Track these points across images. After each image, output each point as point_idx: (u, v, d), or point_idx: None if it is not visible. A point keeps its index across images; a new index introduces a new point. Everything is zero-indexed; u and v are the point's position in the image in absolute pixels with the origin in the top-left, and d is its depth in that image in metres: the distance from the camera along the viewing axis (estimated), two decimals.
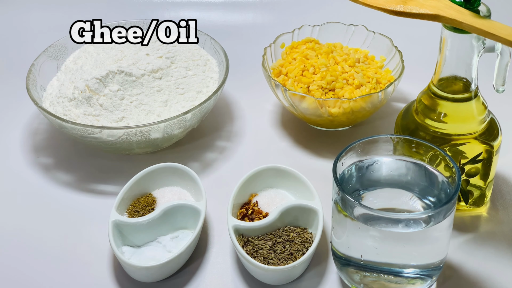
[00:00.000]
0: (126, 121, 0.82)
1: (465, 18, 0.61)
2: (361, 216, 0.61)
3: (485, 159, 0.72)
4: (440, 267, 0.66)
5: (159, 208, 0.73)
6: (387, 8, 0.63)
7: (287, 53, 0.93)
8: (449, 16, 0.62)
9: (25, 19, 1.16)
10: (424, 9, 0.62)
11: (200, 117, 0.84)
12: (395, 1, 0.64)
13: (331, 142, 0.89)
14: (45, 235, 0.76)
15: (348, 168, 0.66)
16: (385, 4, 0.63)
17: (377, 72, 0.89)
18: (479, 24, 0.61)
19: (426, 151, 0.66)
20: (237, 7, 1.16)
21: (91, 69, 0.86)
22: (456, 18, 0.61)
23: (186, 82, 0.87)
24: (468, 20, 0.61)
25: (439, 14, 0.62)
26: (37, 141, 0.91)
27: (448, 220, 0.62)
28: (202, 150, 0.88)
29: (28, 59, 0.93)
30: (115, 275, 0.71)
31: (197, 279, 0.71)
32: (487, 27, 0.60)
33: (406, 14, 0.63)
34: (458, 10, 0.63)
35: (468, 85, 0.70)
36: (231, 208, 0.73)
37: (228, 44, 0.95)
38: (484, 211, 0.77)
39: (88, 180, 0.84)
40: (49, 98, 0.87)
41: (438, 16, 0.62)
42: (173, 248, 0.72)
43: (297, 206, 0.73)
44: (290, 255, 0.69)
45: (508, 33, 0.59)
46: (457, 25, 0.62)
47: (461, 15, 0.62)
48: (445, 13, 0.62)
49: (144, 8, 1.16)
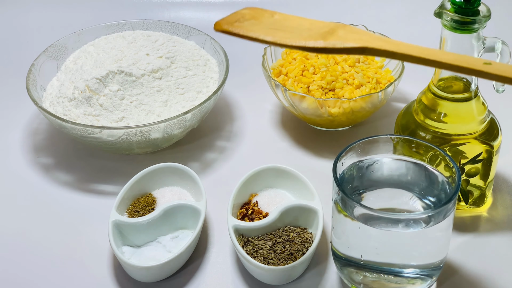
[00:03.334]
0: (126, 121, 0.82)
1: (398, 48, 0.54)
2: (361, 216, 0.61)
3: (485, 159, 0.72)
4: (440, 267, 0.66)
5: (159, 208, 0.73)
6: (307, 45, 0.55)
7: (287, 53, 0.93)
8: (379, 47, 0.54)
9: (25, 19, 1.16)
10: (349, 43, 0.55)
11: (200, 117, 0.84)
12: (314, 38, 0.56)
13: (331, 142, 0.89)
14: (45, 235, 0.76)
15: (348, 168, 0.66)
16: (304, 42, 0.55)
17: (377, 72, 0.89)
18: (417, 52, 0.54)
19: (426, 151, 0.66)
20: (237, 7, 1.16)
21: (91, 69, 0.86)
22: (387, 49, 0.54)
23: (186, 82, 0.87)
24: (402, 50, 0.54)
25: (367, 46, 0.54)
26: (37, 141, 0.91)
27: (448, 220, 0.62)
28: (202, 150, 0.88)
29: (28, 59, 0.93)
30: (115, 275, 0.71)
31: (197, 279, 0.71)
32: (428, 54, 0.54)
33: (329, 50, 0.55)
34: (386, 40, 0.56)
35: (468, 85, 0.70)
36: (231, 208, 0.73)
37: (228, 44, 0.95)
38: (484, 211, 0.77)
39: (88, 180, 0.84)
40: (49, 98, 0.87)
41: (366, 49, 0.55)
42: (173, 248, 0.72)
43: (297, 206, 0.73)
44: (290, 255, 0.69)
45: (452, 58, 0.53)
46: (390, 56, 0.55)
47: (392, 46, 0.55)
48: (374, 45, 0.55)
49: (144, 8, 1.16)
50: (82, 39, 0.95)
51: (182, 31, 0.97)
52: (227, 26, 0.58)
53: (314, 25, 0.60)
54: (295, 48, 0.56)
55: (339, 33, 0.57)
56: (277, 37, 0.56)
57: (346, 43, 0.55)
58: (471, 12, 0.66)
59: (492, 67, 0.51)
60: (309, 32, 0.58)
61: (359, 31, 0.58)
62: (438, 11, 0.67)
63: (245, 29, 0.58)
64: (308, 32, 0.58)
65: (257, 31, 0.57)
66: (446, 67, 0.53)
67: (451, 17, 0.66)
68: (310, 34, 0.57)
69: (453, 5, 0.66)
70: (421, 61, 0.54)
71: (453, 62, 0.52)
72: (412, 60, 0.54)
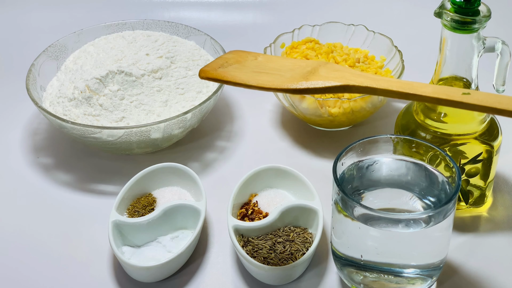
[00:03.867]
0: (126, 121, 0.82)
1: (378, 83, 0.55)
2: (361, 216, 0.61)
3: (485, 159, 0.72)
4: (440, 267, 0.66)
5: (159, 208, 0.73)
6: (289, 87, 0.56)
7: (287, 53, 0.93)
8: (360, 84, 0.55)
9: (25, 19, 1.16)
10: (330, 82, 0.56)
11: (200, 117, 0.84)
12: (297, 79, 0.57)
13: (331, 142, 0.89)
14: (45, 235, 0.76)
15: (348, 168, 0.66)
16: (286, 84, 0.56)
17: (377, 72, 0.89)
18: (397, 87, 0.54)
19: (426, 151, 0.66)
20: (237, 7, 1.16)
21: (91, 69, 0.86)
22: (368, 85, 0.55)
23: (186, 82, 0.87)
24: (382, 85, 0.55)
25: (348, 84, 0.55)
26: (37, 141, 0.91)
27: (448, 220, 0.62)
28: (202, 150, 0.88)
29: (28, 59, 0.93)
30: (115, 275, 0.71)
31: (197, 279, 0.71)
32: (407, 88, 0.54)
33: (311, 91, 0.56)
34: (367, 77, 0.56)
35: (468, 85, 0.70)
36: (231, 208, 0.73)
37: (228, 44, 0.95)
38: (484, 211, 0.77)
39: (88, 180, 0.84)
40: (49, 98, 0.87)
41: (348, 87, 0.55)
42: (173, 248, 0.72)
43: (297, 206, 0.73)
44: (290, 255, 0.69)
45: (430, 91, 0.53)
46: (371, 92, 0.55)
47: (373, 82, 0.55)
48: (355, 82, 0.55)
49: (144, 8, 1.16)
50: (82, 39, 0.95)
51: (182, 31, 0.97)
52: (211, 73, 0.59)
53: (296, 65, 0.61)
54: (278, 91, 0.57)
55: (321, 72, 0.58)
56: (260, 81, 0.57)
57: (327, 82, 0.56)
58: (471, 12, 0.66)
59: (471, 97, 0.52)
60: (291, 72, 0.59)
61: (341, 68, 0.59)
62: (438, 11, 0.67)
63: (229, 75, 0.59)
64: (290, 72, 0.59)
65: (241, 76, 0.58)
66: (426, 99, 0.54)
67: (451, 17, 0.66)
68: (292, 75, 0.58)
69: (453, 5, 0.66)
70: (401, 95, 0.54)
71: (432, 94, 0.53)
72: (393, 95, 0.55)
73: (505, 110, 0.50)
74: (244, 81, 0.57)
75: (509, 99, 0.51)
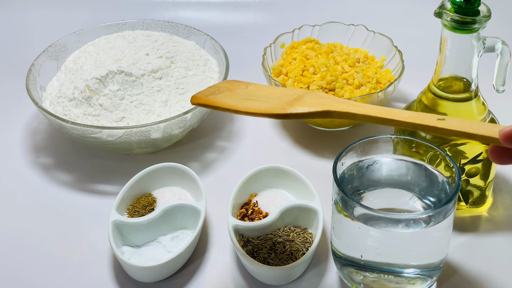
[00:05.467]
0: (126, 121, 0.82)
1: (358, 109, 0.58)
2: (361, 216, 0.61)
3: (485, 159, 0.72)
4: (440, 267, 0.66)
5: (159, 208, 0.73)
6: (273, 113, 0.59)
7: (287, 53, 0.93)
8: (341, 110, 0.58)
9: (25, 19, 1.16)
10: (313, 108, 0.59)
11: (200, 117, 0.84)
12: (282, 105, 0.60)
13: (331, 142, 0.89)
14: (45, 235, 0.76)
15: (348, 168, 0.66)
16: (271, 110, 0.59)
17: (377, 72, 0.89)
18: (375, 113, 0.57)
19: (426, 151, 0.66)
20: (237, 7, 1.16)
21: (91, 69, 0.86)
22: (348, 111, 0.58)
23: (186, 82, 0.87)
24: (361, 111, 0.58)
25: (330, 109, 0.58)
26: (37, 141, 0.91)
27: (448, 220, 0.62)
28: (202, 150, 0.88)
29: (28, 59, 0.93)
30: (115, 275, 0.71)
31: (197, 279, 0.71)
32: (385, 114, 0.57)
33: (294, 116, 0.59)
34: (349, 103, 0.60)
35: (468, 85, 0.70)
36: (231, 208, 0.73)
37: (228, 44, 0.95)
38: (484, 211, 0.77)
39: (88, 180, 0.84)
40: (49, 98, 0.87)
41: (329, 112, 0.59)
42: (173, 248, 0.72)
43: (297, 206, 0.73)
44: (290, 255, 0.69)
45: (407, 116, 0.56)
46: (351, 117, 0.58)
47: (353, 107, 0.59)
48: (336, 108, 0.59)
49: (144, 8, 1.16)
50: (82, 39, 0.95)
51: (182, 31, 0.97)
52: (202, 100, 0.62)
53: (284, 93, 0.64)
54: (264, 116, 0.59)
55: (306, 99, 0.62)
56: (247, 107, 0.60)
57: (310, 108, 0.59)
58: (471, 12, 0.66)
59: (445, 123, 0.54)
60: (278, 100, 0.62)
61: (325, 96, 0.63)
62: (438, 11, 0.67)
63: (218, 101, 0.61)
64: (278, 100, 0.62)
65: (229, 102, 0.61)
66: (402, 125, 0.56)
67: (451, 17, 0.66)
68: (279, 102, 0.61)
69: (453, 5, 0.66)
70: (379, 120, 0.57)
71: (408, 120, 0.56)
72: (371, 120, 0.58)
73: (476, 135, 0.53)
74: (232, 107, 0.60)
75: (480, 125, 0.54)
